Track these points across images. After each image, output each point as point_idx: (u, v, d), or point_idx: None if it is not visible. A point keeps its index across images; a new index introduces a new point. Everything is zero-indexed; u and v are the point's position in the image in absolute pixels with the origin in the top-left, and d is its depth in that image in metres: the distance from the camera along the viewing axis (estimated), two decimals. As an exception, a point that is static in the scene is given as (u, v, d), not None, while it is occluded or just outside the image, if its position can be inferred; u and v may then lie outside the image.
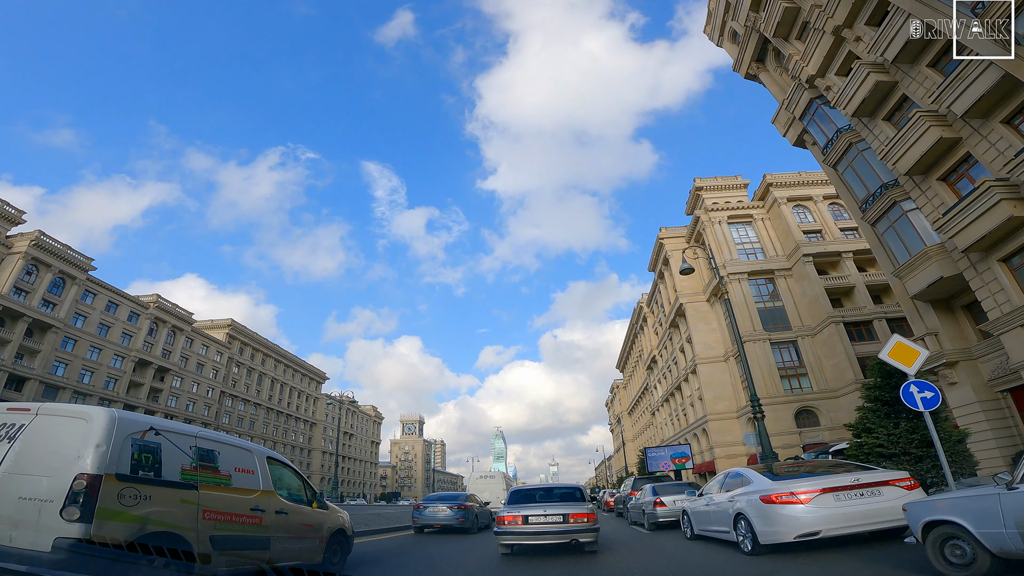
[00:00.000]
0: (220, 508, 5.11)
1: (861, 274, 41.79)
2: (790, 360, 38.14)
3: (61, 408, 4.61)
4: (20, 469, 4.06)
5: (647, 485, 14.73)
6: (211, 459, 5.30)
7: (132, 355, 58.99)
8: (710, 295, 45.60)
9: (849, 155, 21.76)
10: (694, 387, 45.14)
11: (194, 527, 4.70)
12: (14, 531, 3.80)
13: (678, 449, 32.25)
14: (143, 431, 4.66)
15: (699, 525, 9.40)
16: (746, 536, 7.25)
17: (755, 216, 48.89)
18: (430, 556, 9.47)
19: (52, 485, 3.94)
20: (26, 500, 3.88)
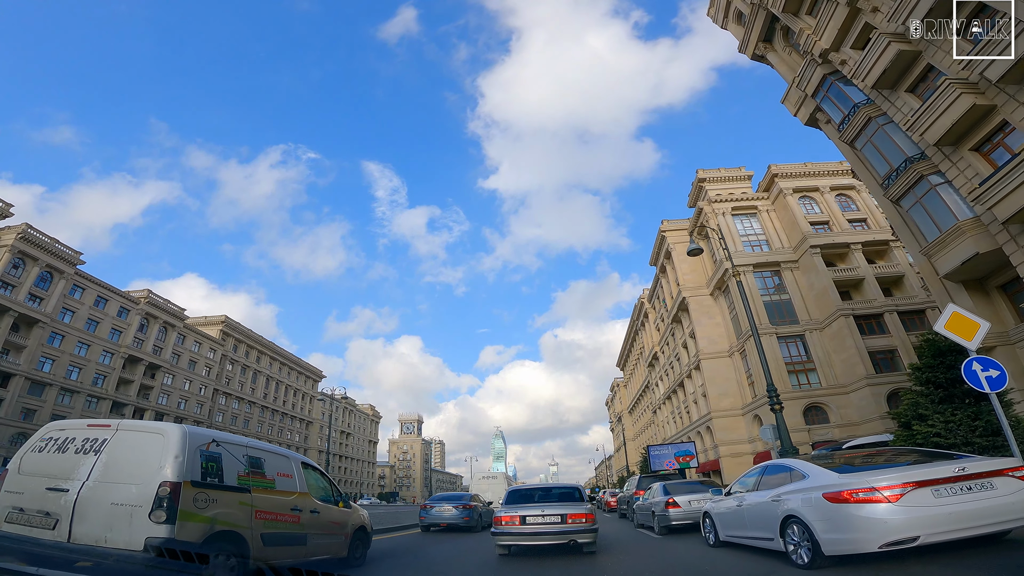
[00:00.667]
0: (268, 508, 5.70)
1: (871, 266, 40.39)
2: (798, 355, 36.72)
3: (139, 424, 5.26)
4: (109, 478, 4.60)
5: (657, 484, 13.16)
6: (259, 465, 5.92)
7: (122, 351, 57.63)
8: (714, 288, 44.19)
9: (868, 130, 20.37)
10: (697, 384, 43.72)
11: (249, 526, 5.29)
12: (109, 533, 4.30)
13: (682, 447, 30.86)
14: (207, 443, 5.23)
15: (726, 530, 7.97)
16: (800, 544, 5.77)
17: (760, 208, 47.48)
18: (439, 552, 10.06)
19: (140, 492, 4.46)
20: (118, 506, 4.41)
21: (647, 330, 64.10)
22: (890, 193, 18.68)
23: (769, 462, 7.42)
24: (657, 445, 32.16)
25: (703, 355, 41.71)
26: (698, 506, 11.00)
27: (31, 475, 4.87)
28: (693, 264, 47.83)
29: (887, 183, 19.00)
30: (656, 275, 55.86)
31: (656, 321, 58.94)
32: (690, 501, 11.29)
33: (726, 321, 42.51)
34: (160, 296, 63.52)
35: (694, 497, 11.40)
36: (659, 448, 31.17)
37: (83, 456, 4.81)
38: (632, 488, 20.37)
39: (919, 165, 17.41)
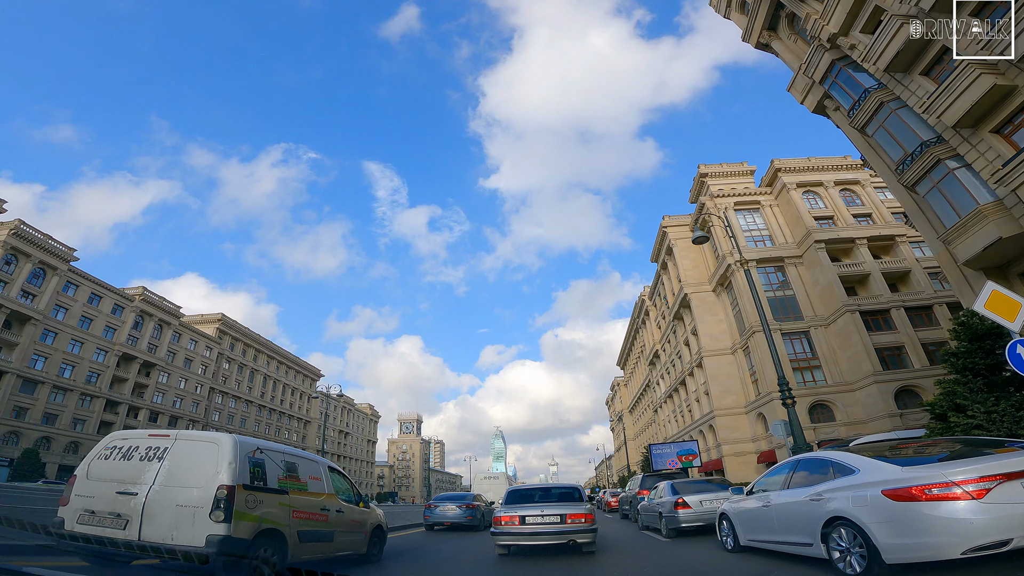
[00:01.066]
0: (303, 508, 6.20)
1: (876, 261, 39.66)
2: (803, 352, 35.96)
3: (195, 434, 5.75)
4: (173, 482, 5.08)
5: (664, 483, 12.23)
6: (294, 470, 6.43)
7: (116, 349, 56.88)
8: (716, 284, 43.41)
9: (880, 115, 19.62)
10: (699, 381, 42.96)
11: (288, 524, 5.78)
12: (175, 532, 4.82)
13: (684, 446, 30.11)
14: (253, 450, 5.72)
15: (749, 534, 7.10)
16: (850, 551, 4.91)
17: (763, 203, 46.75)
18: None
19: (201, 494, 4.96)
20: (182, 507, 4.92)
21: (648, 328, 63.33)
22: (904, 179, 17.92)
23: (802, 456, 6.57)
24: (659, 444, 31.43)
25: (705, 352, 40.94)
26: (710, 507, 10.21)
27: (100, 480, 5.35)
28: (695, 260, 47.08)
29: (901, 168, 18.25)
30: (657, 272, 55.08)
31: (657, 319, 58.17)
32: (701, 501, 10.47)
33: (729, 318, 41.73)
34: (155, 293, 62.81)
35: (706, 497, 10.58)
36: (661, 447, 30.43)
37: (148, 463, 5.33)
38: (635, 487, 19.56)
39: (936, 149, 16.67)
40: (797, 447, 12.30)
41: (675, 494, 10.99)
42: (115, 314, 58.23)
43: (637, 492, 18.29)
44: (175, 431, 5.84)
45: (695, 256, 47.49)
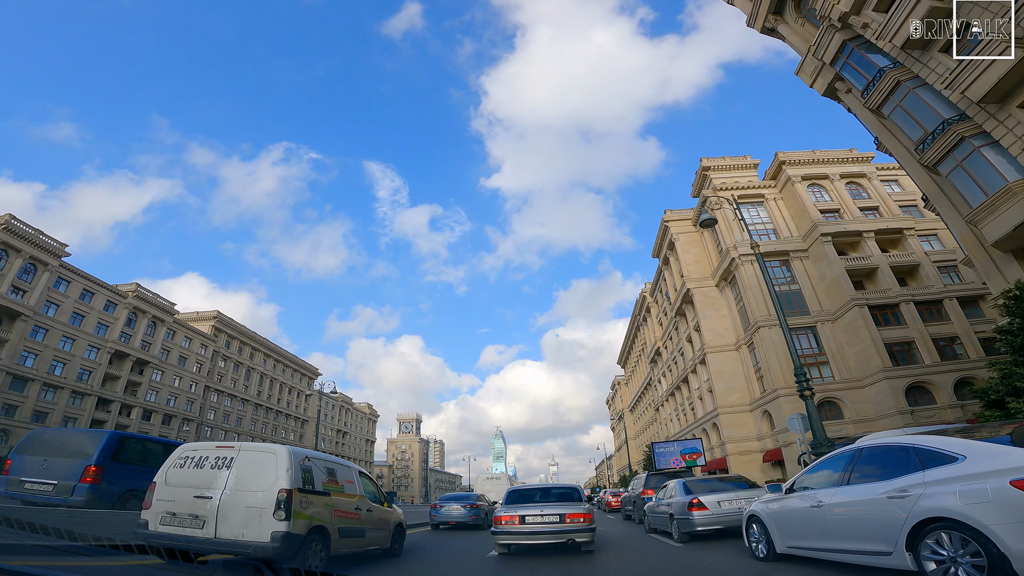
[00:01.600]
0: (342, 508, 7.13)
1: (884, 255, 38.64)
2: (809, 347, 34.94)
3: (256, 445, 6.68)
4: (241, 487, 5.97)
5: (674, 482, 11.10)
6: (334, 475, 7.33)
7: (108, 346, 55.93)
8: (719, 279, 42.39)
9: (897, 94, 18.64)
10: (702, 379, 41.95)
11: (331, 521, 6.69)
12: (245, 529, 5.71)
13: (688, 444, 29.13)
14: (303, 458, 6.62)
15: (790, 540, 5.98)
16: (957, 561, 3.89)
17: (767, 196, 45.74)
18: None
19: (265, 497, 5.85)
20: (250, 508, 5.80)
21: (649, 325, 62.32)
22: (925, 158, 16.93)
23: (866, 443, 5.44)
24: (662, 442, 30.44)
25: (709, 348, 39.93)
26: (730, 508, 9.21)
27: (177, 486, 6.01)
28: (697, 255, 46.07)
29: (921, 148, 17.27)
30: (659, 267, 54.06)
31: (659, 315, 57.16)
32: (719, 502, 9.40)
33: (733, 313, 40.72)
34: (149, 290, 61.83)
35: (724, 497, 9.49)
36: (664, 445, 29.44)
37: (218, 471, 6.02)
38: (639, 487, 18.58)
39: (959, 126, 15.69)
40: (817, 442, 11.31)
41: (688, 494, 9.88)
42: (108, 311, 57.29)
43: (641, 492, 17.31)
44: (238, 443, 6.58)
45: (697, 251, 46.48)
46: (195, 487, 6.00)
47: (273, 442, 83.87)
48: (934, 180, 17.25)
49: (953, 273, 38.32)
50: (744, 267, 39.10)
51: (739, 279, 39.32)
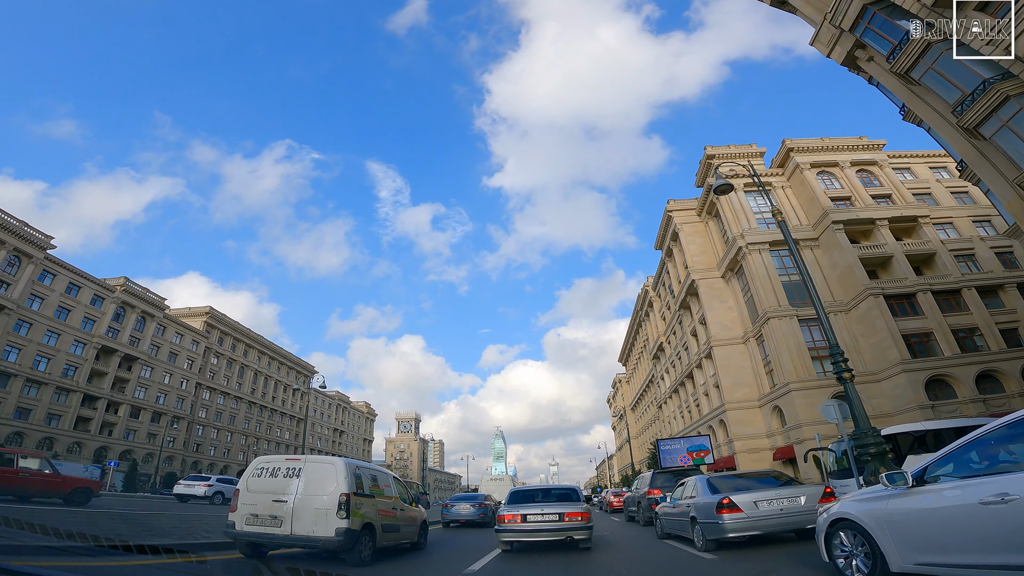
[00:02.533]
0: (383, 508, 8.34)
1: (899, 243, 36.93)
2: (821, 339, 33.18)
3: (318, 458, 7.98)
4: (310, 492, 7.14)
5: (696, 479, 9.41)
6: (376, 480, 8.69)
7: (95, 341, 54.32)
8: (725, 270, 40.68)
9: (928, 56, 16.96)
10: (708, 374, 40.25)
11: (376, 519, 7.83)
12: (314, 527, 6.87)
13: (695, 441, 27.46)
14: (355, 468, 7.93)
15: (926, 553, 3.96)
16: None
17: (774, 184, 44.07)
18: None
19: (329, 500, 7.03)
20: (318, 509, 6.98)
21: (652, 320, 60.61)
22: (964, 120, 15.26)
23: None
24: (668, 439, 28.75)
25: (715, 342, 38.21)
26: (769, 509, 7.52)
27: (257, 492, 7.33)
28: (702, 245, 44.39)
29: (959, 110, 15.59)
30: (661, 260, 52.35)
31: (661, 310, 55.45)
32: (756, 502, 7.62)
33: (740, 305, 39.01)
34: (138, 284, 60.25)
35: (763, 496, 7.70)
36: (670, 442, 27.77)
37: (290, 479, 7.31)
38: (644, 486, 16.84)
39: (1003, 85, 14.05)
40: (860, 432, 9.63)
41: (715, 493, 8.23)
42: (95, 305, 55.70)
43: (647, 491, 15.74)
44: (304, 456, 7.74)
45: (702, 241, 44.80)
46: (272, 493, 7.16)
47: (267, 440, 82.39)
48: (973, 144, 15.59)
49: (971, 262, 36.65)
50: (752, 256, 37.39)
51: (747, 269, 37.62)
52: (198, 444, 67.97)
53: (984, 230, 39.40)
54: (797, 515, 7.55)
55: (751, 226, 39.76)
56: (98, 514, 11.67)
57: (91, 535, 6.66)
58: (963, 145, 16.10)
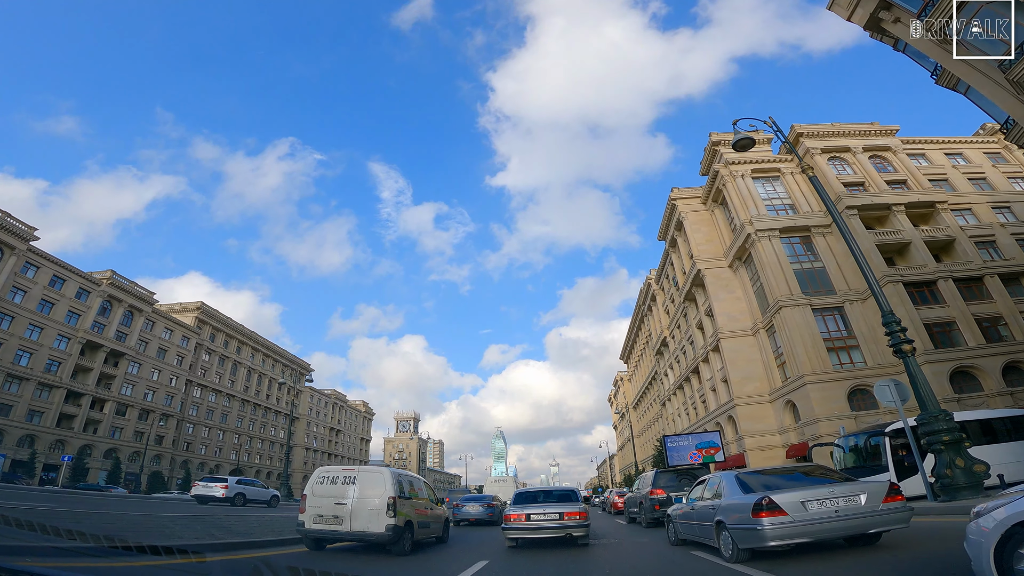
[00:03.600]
0: (419, 508, 9.80)
1: (916, 229, 35.09)
2: (836, 329, 31.38)
3: (369, 468, 9.48)
4: (364, 496, 8.63)
5: (720, 476, 7.83)
6: (412, 484, 10.22)
7: (80, 336, 52.58)
8: (733, 259, 38.82)
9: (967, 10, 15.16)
10: (715, 368, 38.38)
11: (414, 517, 9.25)
12: (369, 524, 8.36)
13: (704, 437, 25.59)
14: (398, 475, 9.50)
15: None
16: None
17: (783, 170, 42.23)
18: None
19: (380, 502, 8.50)
20: (371, 510, 8.45)
21: (655, 315, 58.74)
22: (1014, 74, 13.43)
23: None
24: (675, 435, 26.86)
25: (723, 334, 36.34)
26: (821, 510, 5.81)
27: (321, 496, 8.81)
28: (708, 234, 42.54)
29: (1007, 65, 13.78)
30: (665, 251, 50.48)
31: (665, 303, 53.58)
32: (804, 502, 5.83)
33: (748, 295, 37.15)
34: (125, 278, 58.51)
35: (811, 496, 6.05)
36: (677, 439, 25.90)
37: (347, 486, 8.81)
38: (647, 486, 15.21)
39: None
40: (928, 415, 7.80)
41: (748, 492, 6.66)
42: (80, 299, 53.96)
43: (649, 491, 14.29)
44: (357, 467, 9.64)
45: (708, 229, 42.96)
46: (333, 497, 8.66)
47: (261, 439, 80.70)
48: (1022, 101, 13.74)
49: (992, 249, 34.82)
50: (761, 243, 35.53)
51: (756, 257, 35.77)
52: (188, 443, 66.22)
53: (1004, 216, 37.64)
54: (856, 517, 5.99)
55: (760, 212, 37.93)
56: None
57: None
58: (1011, 103, 14.28)
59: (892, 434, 14.62)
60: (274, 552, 8.70)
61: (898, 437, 14.56)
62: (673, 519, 9.58)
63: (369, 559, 8.35)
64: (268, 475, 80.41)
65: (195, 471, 63.89)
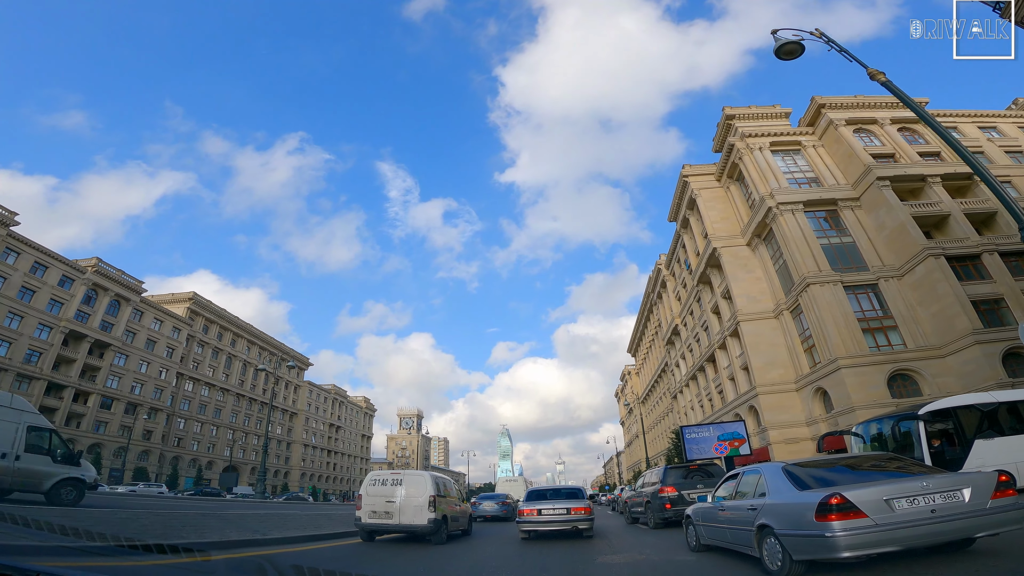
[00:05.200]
0: (451, 505, 11.48)
1: (955, 201, 32.00)
2: (871, 309, 28.38)
3: (412, 472, 11.19)
4: (409, 495, 10.27)
5: (761, 469, 6.33)
6: (446, 485, 11.91)
7: (62, 325, 50.34)
8: (752, 236, 35.84)
9: None
10: (734, 354, 35.43)
11: (448, 512, 10.90)
12: (414, 518, 9.99)
13: (727, 428, 22.54)
14: (436, 478, 11.24)
15: None
16: None
17: (804, 143, 39.21)
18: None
19: (422, 500, 10.15)
20: (416, 506, 10.08)
21: (665, 302, 55.75)
22: None
23: None
24: (693, 426, 23.83)
25: (742, 316, 33.37)
26: (912, 510, 4.62)
27: (374, 496, 10.44)
28: (724, 211, 39.57)
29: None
30: (676, 233, 47.50)
31: (676, 289, 50.59)
32: (891, 500, 4.59)
33: (769, 275, 34.16)
34: (112, 266, 56.21)
35: (902, 491, 4.71)
36: (697, 430, 22.88)
37: (395, 487, 10.47)
38: (654, 483, 13.80)
39: None
40: None
41: (803, 487, 5.35)
42: (63, 287, 51.70)
43: (659, 489, 13.01)
44: (403, 471, 11.43)
45: (723, 207, 39.99)
46: (384, 496, 10.39)
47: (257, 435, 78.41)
48: None
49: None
50: (784, 218, 32.54)
51: (778, 232, 32.79)
52: (179, 438, 64.00)
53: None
54: (959, 519, 4.65)
55: (781, 185, 34.93)
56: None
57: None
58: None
59: (929, 417, 10.61)
60: (207, 557, 8.00)
61: (937, 421, 11.00)
62: (694, 521, 8.04)
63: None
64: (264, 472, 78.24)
65: (186, 467, 61.70)
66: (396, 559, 8.55)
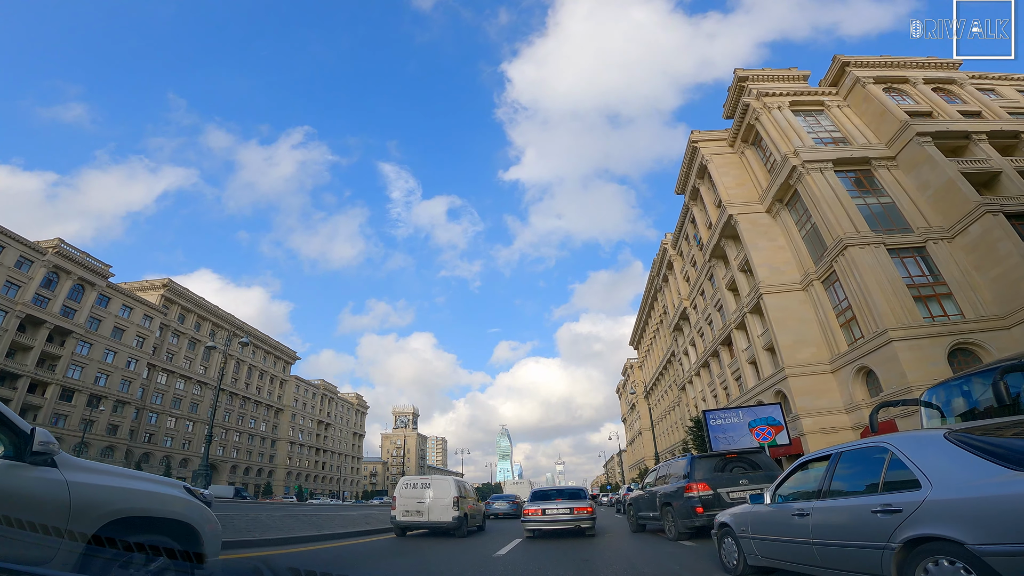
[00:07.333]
0: (470, 504, 13.17)
1: (1006, 159, 28.21)
2: (920, 274, 24.49)
3: (439, 477, 12.66)
4: (436, 496, 11.87)
5: (912, 439, 3.41)
6: (466, 487, 13.82)
7: (17, 309, 46.27)
8: (773, 201, 31.94)
9: None
10: (755, 333, 31.47)
11: (467, 511, 12.38)
12: (441, 516, 11.71)
13: (762, 412, 18.44)
14: (458, 481, 12.78)
15: None
16: None
17: (828, 103, 35.43)
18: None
19: (448, 500, 11.83)
20: (443, 505, 11.90)
21: (671, 286, 51.82)
22: None
23: None
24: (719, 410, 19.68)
25: (765, 288, 29.44)
26: None
27: (406, 497, 11.97)
28: (739, 176, 35.71)
29: None
30: (684, 205, 43.59)
31: (684, 269, 46.65)
32: None
33: (795, 242, 30.26)
34: (76, 248, 52.12)
35: None
36: (723, 414, 18.81)
37: (425, 489, 11.99)
38: (677, 478, 10.48)
39: None
40: None
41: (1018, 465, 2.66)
42: (20, 268, 47.63)
43: (684, 487, 9.82)
44: (431, 476, 12.65)
45: (738, 172, 36.15)
46: (415, 497, 11.91)
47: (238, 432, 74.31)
48: None
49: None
50: (812, 176, 28.69)
51: (805, 194, 28.92)
52: (150, 434, 59.90)
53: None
54: None
55: (806, 143, 31.08)
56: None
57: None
58: None
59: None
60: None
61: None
62: (736, 532, 5.67)
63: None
64: (246, 471, 74.08)
65: (158, 465, 57.56)
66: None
